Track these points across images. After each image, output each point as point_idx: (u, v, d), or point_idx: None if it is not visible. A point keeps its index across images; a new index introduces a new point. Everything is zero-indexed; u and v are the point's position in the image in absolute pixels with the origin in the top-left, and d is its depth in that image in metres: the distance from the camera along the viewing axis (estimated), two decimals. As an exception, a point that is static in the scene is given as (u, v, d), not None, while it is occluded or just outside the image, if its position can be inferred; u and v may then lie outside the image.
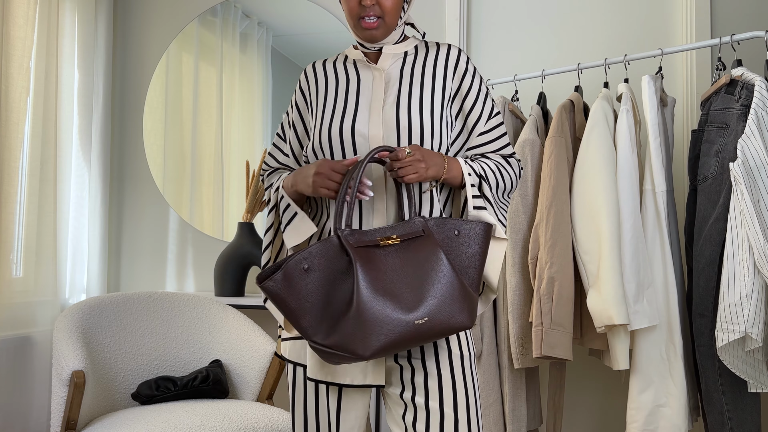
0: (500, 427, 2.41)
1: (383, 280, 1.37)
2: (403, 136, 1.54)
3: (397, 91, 1.58)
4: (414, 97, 1.57)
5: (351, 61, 1.66)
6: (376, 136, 1.54)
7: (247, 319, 2.70)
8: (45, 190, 2.84)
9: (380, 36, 1.58)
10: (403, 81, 1.60)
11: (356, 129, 1.55)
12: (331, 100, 1.61)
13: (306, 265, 1.38)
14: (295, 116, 1.70)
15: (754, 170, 1.95)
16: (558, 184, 2.28)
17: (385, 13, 1.55)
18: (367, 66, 1.63)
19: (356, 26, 1.58)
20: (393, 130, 1.54)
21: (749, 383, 2.01)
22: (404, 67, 1.62)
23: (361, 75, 1.62)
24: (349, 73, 1.63)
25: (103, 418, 2.27)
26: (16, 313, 2.70)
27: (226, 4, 3.33)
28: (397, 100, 1.57)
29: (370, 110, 1.56)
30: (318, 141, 1.58)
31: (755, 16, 2.71)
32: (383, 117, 1.55)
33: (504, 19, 3.03)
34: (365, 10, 1.54)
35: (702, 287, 2.09)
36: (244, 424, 2.24)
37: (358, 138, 1.54)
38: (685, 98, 2.75)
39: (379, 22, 1.56)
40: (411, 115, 1.55)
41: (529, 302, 2.36)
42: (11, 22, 2.66)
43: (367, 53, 1.65)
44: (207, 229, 3.31)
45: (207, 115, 3.33)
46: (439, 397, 1.50)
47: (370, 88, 1.59)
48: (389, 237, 1.43)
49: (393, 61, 1.62)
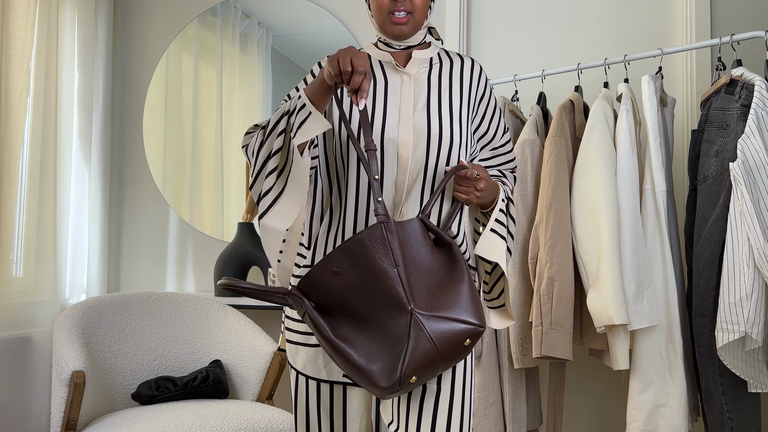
0: (500, 427, 2.41)
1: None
2: (432, 143, 1.54)
3: (426, 97, 1.58)
4: (444, 105, 1.58)
5: (377, 62, 1.63)
6: (405, 140, 1.53)
7: (247, 319, 2.70)
8: (45, 190, 2.84)
9: (409, 32, 1.57)
10: (432, 88, 1.59)
11: (386, 132, 1.54)
12: None
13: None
14: None
15: (754, 170, 1.95)
16: (558, 184, 2.28)
17: (416, 8, 1.54)
18: (396, 69, 1.61)
19: (385, 22, 1.56)
20: (423, 135, 1.54)
21: (749, 383, 2.01)
22: (431, 73, 1.61)
23: (389, 78, 1.60)
24: (376, 74, 1.61)
25: (103, 418, 2.27)
26: (16, 313, 2.70)
27: (226, 4, 3.33)
28: (428, 106, 1.56)
29: (399, 114, 1.55)
30: (346, 141, 1.56)
31: (755, 16, 2.71)
32: (414, 122, 1.55)
33: (504, 19, 3.03)
34: (396, 4, 1.53)
35: (702, 287, 2.09)
36: (244, 424, 2.24)
37: (387, 142, 1.53)
38: (685, 98, 2.75)
39: (409, 18, 1.55)
40: (442, 121, 1.55)
41: (529, 302, 2.36)
42: (11, 22, 2.66)
43: (394, 54, 1.63)
44: (207, 229, 3.31)
45: (207, 115, 3.33)
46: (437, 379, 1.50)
47: (398, 92, 1.58)
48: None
49: (420, 67, 1.62)
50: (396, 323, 1.34)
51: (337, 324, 1.36)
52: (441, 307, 1.35)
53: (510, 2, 3.03)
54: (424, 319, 1.33)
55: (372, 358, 1.33)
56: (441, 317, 1.34)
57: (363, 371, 1.32)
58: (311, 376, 1.57)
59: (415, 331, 1.32)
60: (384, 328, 1.35)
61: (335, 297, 1.36)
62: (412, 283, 1.35)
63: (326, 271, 1.36)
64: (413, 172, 1.54)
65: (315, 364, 1.56)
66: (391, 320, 1.34)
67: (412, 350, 1.31)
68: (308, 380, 1.58)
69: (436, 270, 1.40)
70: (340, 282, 1.36)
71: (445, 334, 1.33)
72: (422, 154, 1.53)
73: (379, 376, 1.32)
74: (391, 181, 1.53)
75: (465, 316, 1.36)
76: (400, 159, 1.53)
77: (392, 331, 1.34)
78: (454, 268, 1.41)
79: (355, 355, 1.33)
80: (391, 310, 1.34)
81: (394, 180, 1.53)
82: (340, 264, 1.36)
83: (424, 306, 1.35)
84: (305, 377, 1.58)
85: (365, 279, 1.35)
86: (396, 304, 1.34)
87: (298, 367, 1.59)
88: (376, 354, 1.33)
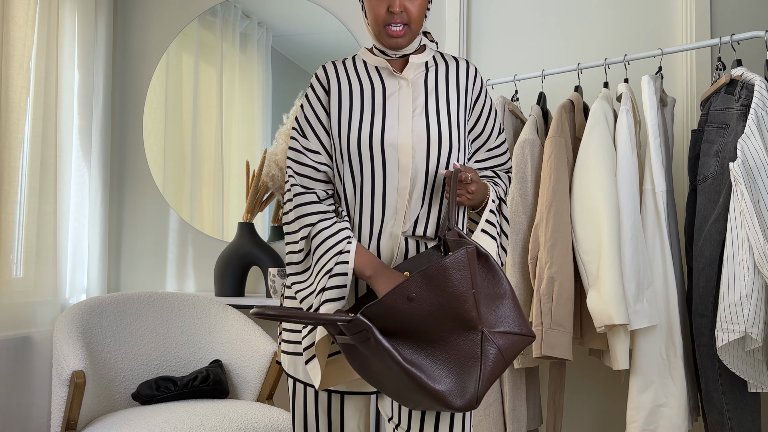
0: (500, 427, 2.41)
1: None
2: (432, 147, 1.55)
3: (423, 101, 1.59)
4: (441, 109, 1.58)
5: (373, 68, 1.63)
6: (405, 145, 1.54)
7: (247, 320, 2.70)
8: (45, 190, 2.84)
9: (405, 43, 1.57)
10: (429, 92, 1.60)
11: (386, 138, 1.54)
12: (358, 107, 1.58)
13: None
14: (320, 111, 1.61)
15: (754, 170, 1.95)
16: (558, 184, 2.28)
17: (412, 20, 1.55)
18: (393, 75, 1.61)
19: (381, 33, 1.56)
20: (423, 140, 1.55)
21: (749, 383, 2.01)
22: (428, 77, 1.62)
23: (387, 84, 1.60)
24: (374, 80, 1.61)
25: (103, 418, 2.27)
26: (16, 313, 2.70)
27: (226, 4, 3.33)
28: (426, 111, 1.57)
29: (399, 119, 1.56)
30: (346, 148, 1.56)
31: (755, 16, 2.71)
32: (413, 127, 1.55)
33: (504, 19, 3.03)
34: (393, 17, 1.53)
35: (702, 287, 2.09)
36: (244, 424, 2.24)
37: (387, 148, 1.54)
38: (685, 98, 2.75)
39: (405, 30, 1.55)
40: (441, 126, 1.56)
41: (529, 302, 2.36)
42: (11, 22, 2.66)
43: (390, 61, 1.62)
44: (207, 229, 3.31)
45: (207, 115, 3.33)
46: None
47: (397, 98, 1.59)
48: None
49: (417, 71, 1.62)
50: (466, 342, 1.34)
51: (401, 347, 1.33)
52: (499, 322, 1.39)
53: (510, 3, 3.03)
54: (491, 335, 1.36)
55: (439, 380, 1.32)
56: (501, 332, 1.37)
57: (436, 393, 1.30)
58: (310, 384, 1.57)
59: (489, 348, 1.35)
60: (453, 349, 1.34)
61: (405, 322, 1.32)
62: (479, 303, 1.36)
63: (401, 297, 1.30)
64: (414, 176, 1.54)
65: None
66: (460, 341, 1.34)
67: (489, 369, 1.33)
68: (306, 387, 1.59)
69: (486, 285, 1.41)
70: (414, 308, 1.31)
71: (508, 347, 1.37)
72: (422, 159, 1.54)
73: (453, 397, 1.31)
74: (393, 187, 1.54)
75: (518, 329, 1.40)
76: (402, 164, 1.54)
77: (462, 351, 1.34)
78: (496, 280, 1.42)
79: (425, 378, 1.30)
80: (462, 331, 1.34)
81: (396, 185, 1.54)
82: (417, 290, 1.31)
83: (489, 323, 1.37)
84: (303, 384, 1.59)
85: (444, 305, 1.32)
86: (469, 325, 1.34)
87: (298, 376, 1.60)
88: (443, 375, 1.33)
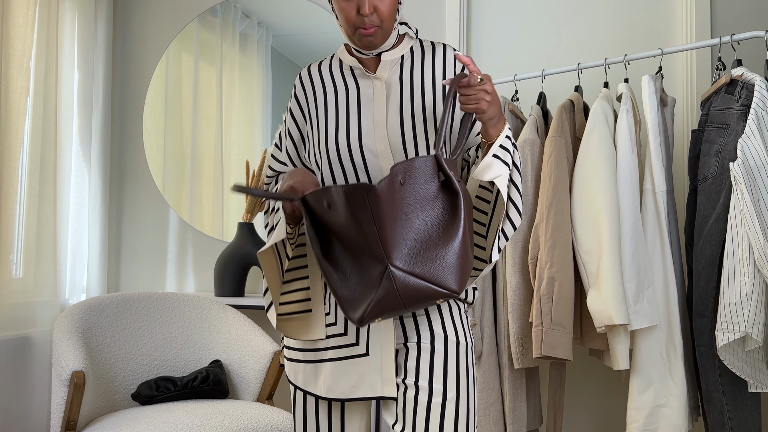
0: (500, 427, 2.41)
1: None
2: (409, 148, 1.53)
3: (398, 101, 1.56)
4: (417, 106, 1.56)
5: (347, 68, 1.62)
6: (384, 152, 1.53)
7: (247, 320, 2.70)
8: (45, 190, 2.84)
9: (379, 42, 1.55)
10: (404, 90, 1.58)
11: (364, 144, 1.54)
12: (333, 112, 1.58)
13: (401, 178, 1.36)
14: (291, 123, 1.67)
15: (754, 170, 1.95)
16: (558, 184, 2.28)
17: (383, 20, 1.52)
18: (366, 76, 1.60)
19: (353, 35, 1.54)
20: (399, 142, 1.53)
21: (749, 383, 2.01)
22: (403, 73, 1.59)
23: (361, 85, 1.59)
24: (348, 82, 1.60)
25: (103, 419, 2.27)
26: (16, 313, 2.70)
27: (226, 4, 3.33)
28: (401, 112, 1.55)
29: (374, 124, 1.55)
30: (325, 155, 1.56)
31: (755, 16, 2.71)
32: (388, 129, 1.54)
33: (504, 19, 3.03)
34: (363, 20, 1.51)
35: (702, 287, 2.09)
36: (244, 425, 2.24)
37: (367, 154, 1.53)
38: (685, 98, 2.75)
39: (376, 30, 1.53)
40: (415, 125, 1.54)
41: (529, 302, 2.36)
42: (11, 22, 2.66)
43: (362, 60, 1.61)
44: (207, 229, 3.31)
45: (207, 115, 3.33)
46: (429, 376, 1.50)
47: (371, 99, 1.57)
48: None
49: (391, 69, 1.60)
50: (373, 269, 1.37)
51: (329, 247, 1.42)
52: (421, 265, 1.35)
53: (510, 3, 3.03)
54: (399, 273, 1.33)
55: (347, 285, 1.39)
56: (417, 275, 1.34)
57: (335, 293, 1.39)
58: (310, 392, 1.57)
59: (386, 283, 1.34)
60: (363, 269, 1.39)
61: (328, 225, 1.42)
62: (395, 238, 1.35)
63: (320, 202, 1.40)
64: None
65: (315, 381, 1.57)
66: (370, 264, 1.37)
67: (378, 300, 1.34)
68: (306, 395, 1.59)
69: (430, 223, 1.37)
70: (332, 215, 1.40)
71: (416, 292, 1.34)
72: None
73: (346, 304, 1.38)
74: None
75: (442, 279, 1.34)
76: (385, 170, 1.53)
77: (368, 274, 1.37)
78: (451, 223, 1.36)
79: (335, 277, 1.40)
80: (371, 257, 1.37)
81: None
82: (331, 201, 1.39)
83: (404, 262, 1.34)
84: (303, 392, 1.60)
85: (349, 226, 1.39)
86: (375, 255, 1.36)
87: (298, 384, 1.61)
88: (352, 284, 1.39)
